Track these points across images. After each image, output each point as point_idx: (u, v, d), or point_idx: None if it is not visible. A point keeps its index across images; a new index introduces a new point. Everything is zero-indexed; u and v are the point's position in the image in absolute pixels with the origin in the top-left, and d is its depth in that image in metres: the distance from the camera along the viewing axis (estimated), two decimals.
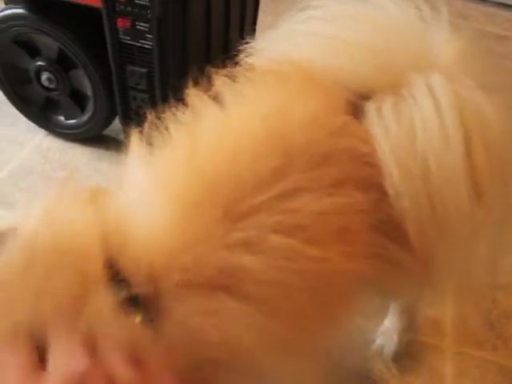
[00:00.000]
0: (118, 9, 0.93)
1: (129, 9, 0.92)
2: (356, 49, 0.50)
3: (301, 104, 0.46)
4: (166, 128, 0.46)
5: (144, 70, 0.99)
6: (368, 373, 0.88)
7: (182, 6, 0.92)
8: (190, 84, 0.48)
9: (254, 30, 1.44)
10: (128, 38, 0.96)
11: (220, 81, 0.49)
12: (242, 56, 0.54)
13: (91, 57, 1.05)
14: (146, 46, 0.96)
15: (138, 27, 0.94)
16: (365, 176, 0.46)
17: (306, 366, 0.46)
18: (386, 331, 0.89)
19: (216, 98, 0.47)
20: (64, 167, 1.18)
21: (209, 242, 0.38)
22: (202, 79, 0.50)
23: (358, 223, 0.45)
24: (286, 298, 0.41)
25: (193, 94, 0.47)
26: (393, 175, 0.45)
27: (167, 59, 0.97)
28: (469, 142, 0.46)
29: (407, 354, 0.89)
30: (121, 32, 0.96)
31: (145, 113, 0.49)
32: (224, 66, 0.50)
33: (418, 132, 0.46)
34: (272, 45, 0.54)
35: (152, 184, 0.42)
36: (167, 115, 0.47)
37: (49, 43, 1.07)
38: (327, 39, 0.52)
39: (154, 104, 1.04)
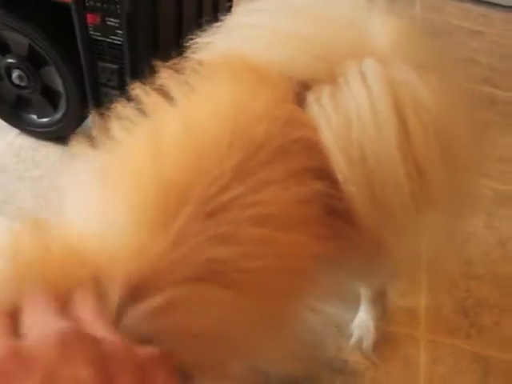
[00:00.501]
0: (87, 4, 0.92)
1: (98, 4, 0.91)
2: (296, 40, 0.51)
3: (252, 97, 0.47)
4: (114, 128, 0.45)
5: (115, 66, 0.99)
6: (343, 365, 0.89)
7: (152, 1, 0.92)
8: (139, 80, 0.47)
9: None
10: (98, 33, 0.95)
11: (167, 75, 0.49)
12: (188, 52, 0.54)
13: (62, 53, 1.04)
14: (117, 42, 0.95)
15: (108, 23, 0.93)
16: (319, 164, 0.47)
17: (282, 343, 0.49)
18: (361, 323, 0.90)
19: (164, 93, 0.47)
20: (37, 166, 1.17)
21: (187, 239, 0.39)
22: (151, 74, 0.49)
23: (318, 208, 0.47)
24: (264, 280, 0.43)
25: (139, 89, 0.47)
26: (339, 163, 0.47)
27: (138, 55, 0.96)
28: (405, 124, 0.47)
29: (381, 344, 0.90)
30: (91, 28, 0.95)
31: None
32: (172, 60, 0.50)
33: (352, 120, 0.47)
34: (217, 39, 0.55)
35: (114, 193, 0.41)
36: (114, 113, 0.46)
37: (19, 40, 1.06)
38: (268, 32, 0.52)
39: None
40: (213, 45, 0.54)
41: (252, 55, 0.50)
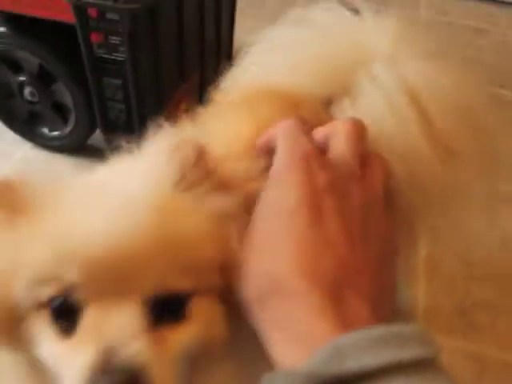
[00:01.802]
0: (91, 24, 0.97)
1: (101, 24, 0.96)
2: (304, 68, 0.54)
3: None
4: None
5: (119, 82, 1.03)
6: None
7: (151, 20, 0.96)
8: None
9: (231, 34, 1.48)
10: (102, 51, 1.00)
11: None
12: (212, 95, 0.60)
13: (70, 71, 1.09)
14: (120, 59, 1.00)
15: (111, 41, 0.98)
16: None
17: None
18: None
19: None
20: (50, 177, 1.22)
21: None
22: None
23: None
24: None
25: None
26: None
27: (141, 71, 1.01)
28: (425, 112, 0.50)
29: None
30: (95, 46, 1.00)
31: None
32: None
33: (377, 123, 0.49)
34: (237, 81, 0.60)
35: None
36: None
37: (29, 59, 1.12)
38: (279, 64, 0.57)
39: (130, 113, 1.08)
40: (233, 87, 0.60)
41: (274, 84, 0.55)
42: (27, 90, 1.17)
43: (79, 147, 1.25)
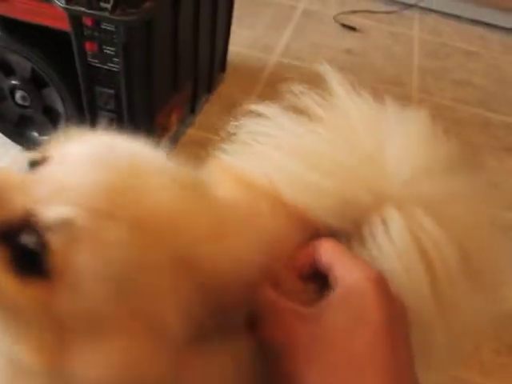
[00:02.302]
0: (85, 33, 0.96)
1: (96, 33, 0.95)
2: (317, 192, 0.47)
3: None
4: None
5: (112, 91, 1.03)
6: None
7: (147, 32, 0.96)
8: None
9: (226, 45, 1.49)
10: (96, 60, 1.00)
11: None
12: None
13: (62, 77, 1.09)
14: (114, 69, 1.00)
15: (106, 51, 0.98)
16: None
17: None
18: None
19: None
20: None
21: None
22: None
23: None
24: None
25: None
26: None
27: (134, 81, 1.01)
28: (432, 269, 0.46)
29: None
30: (89, 55, 0.99)
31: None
32: None
33: (387, 272, 0.44)
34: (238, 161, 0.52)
35: None
36: None
37: (22, 63, 1.11)
38: (287, 176, 0.49)
39: (121, 123, 1.07)
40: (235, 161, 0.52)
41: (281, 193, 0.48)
42: (19, 94, 1.16)
43: None
